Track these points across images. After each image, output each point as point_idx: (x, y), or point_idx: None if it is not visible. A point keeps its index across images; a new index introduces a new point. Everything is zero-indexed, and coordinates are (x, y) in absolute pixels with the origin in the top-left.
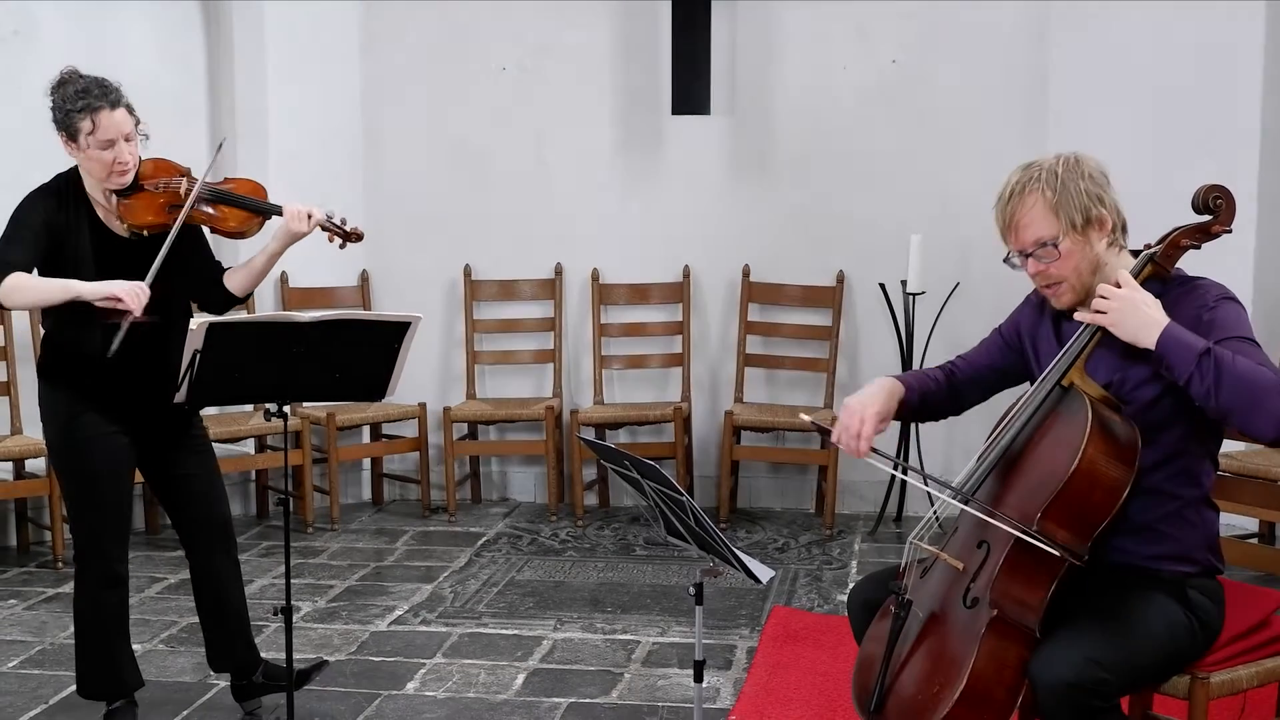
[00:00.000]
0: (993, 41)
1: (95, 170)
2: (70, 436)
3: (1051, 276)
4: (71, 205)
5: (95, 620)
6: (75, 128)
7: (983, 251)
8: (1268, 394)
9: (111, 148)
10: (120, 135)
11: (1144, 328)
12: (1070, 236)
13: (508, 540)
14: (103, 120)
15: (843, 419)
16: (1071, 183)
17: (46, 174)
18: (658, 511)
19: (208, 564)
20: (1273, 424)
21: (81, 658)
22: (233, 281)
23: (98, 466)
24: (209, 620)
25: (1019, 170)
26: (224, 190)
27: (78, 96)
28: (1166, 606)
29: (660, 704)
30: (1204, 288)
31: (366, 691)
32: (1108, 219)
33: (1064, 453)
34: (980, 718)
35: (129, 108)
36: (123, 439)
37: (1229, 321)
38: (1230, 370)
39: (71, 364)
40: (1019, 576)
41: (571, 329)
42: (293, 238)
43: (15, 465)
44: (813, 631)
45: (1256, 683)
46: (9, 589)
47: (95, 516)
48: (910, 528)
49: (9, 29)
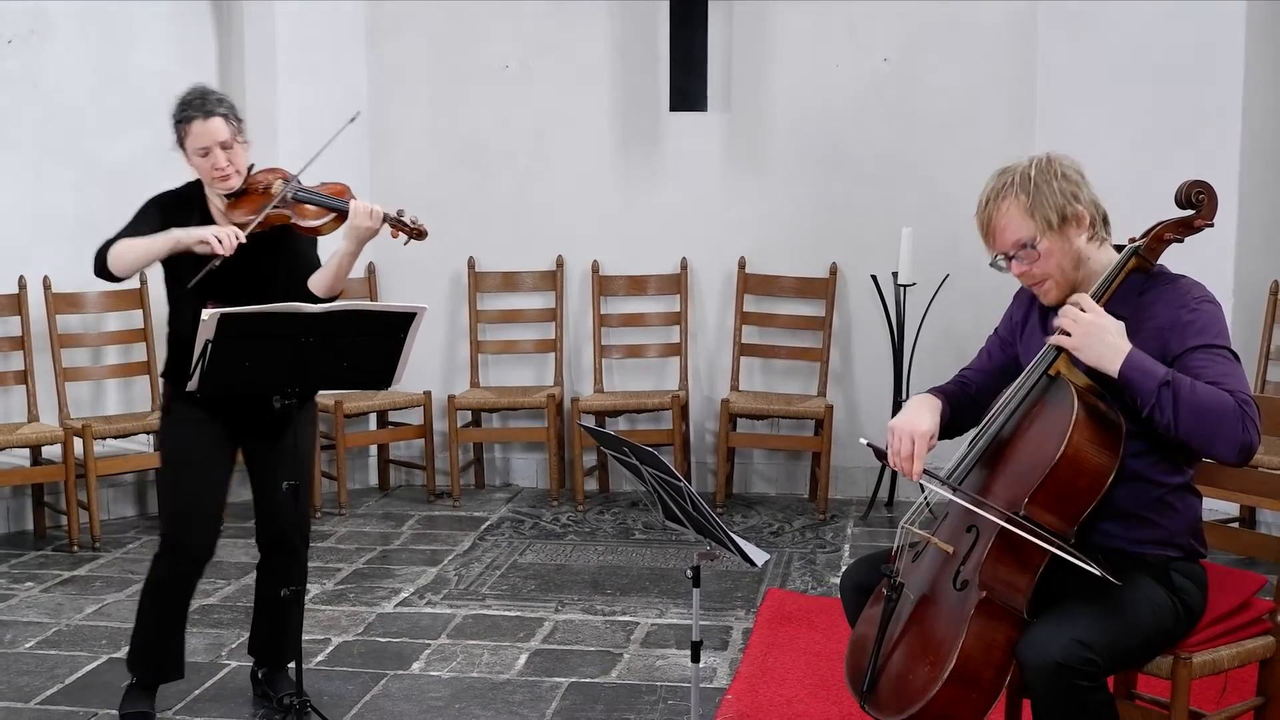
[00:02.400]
0: (982, 40)
1: (202, 175)
2: (168, 421)
3: (1035, 276)
4: (190, 207)
5: (150, 602)
6: (180, 139)
7: (971, 244)
8: (1224, 423)
9: (208, 155)
10: (214, 143)
11: (1107, 355)
12: (1048, 236)
13: (510, 524)
14: (195, 129)
15: (892, 444)
16: (1045, 184)
17: (64, 169)
18: (656, 497)
19: (269, 560)
20: (1233, 450)
21: (135, 633)
22: (315, 282)
23: (184, 450)
24: (260, 611)
25: (993, 176)
26: (308, 190)
27: (181, 109)
28: (1151, 589)
29: (658, 684)
30: (1185, 287)
31: (373, 671)
32: (1085, 215)
33: (1051, 440)
34: (970, 697)
35: (226, 117)
36: (214, 427)
37: (1206, 325)
38: (1188, 401)
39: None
40: (1007, 560)
41: (572, 319)
42: (361, 234)
43: (32, 452)
44: (806, 613)
45: (1237, 663)
46: (26, 572)
47: (173, 498)
48: (901, 512)
49: (26, 28)
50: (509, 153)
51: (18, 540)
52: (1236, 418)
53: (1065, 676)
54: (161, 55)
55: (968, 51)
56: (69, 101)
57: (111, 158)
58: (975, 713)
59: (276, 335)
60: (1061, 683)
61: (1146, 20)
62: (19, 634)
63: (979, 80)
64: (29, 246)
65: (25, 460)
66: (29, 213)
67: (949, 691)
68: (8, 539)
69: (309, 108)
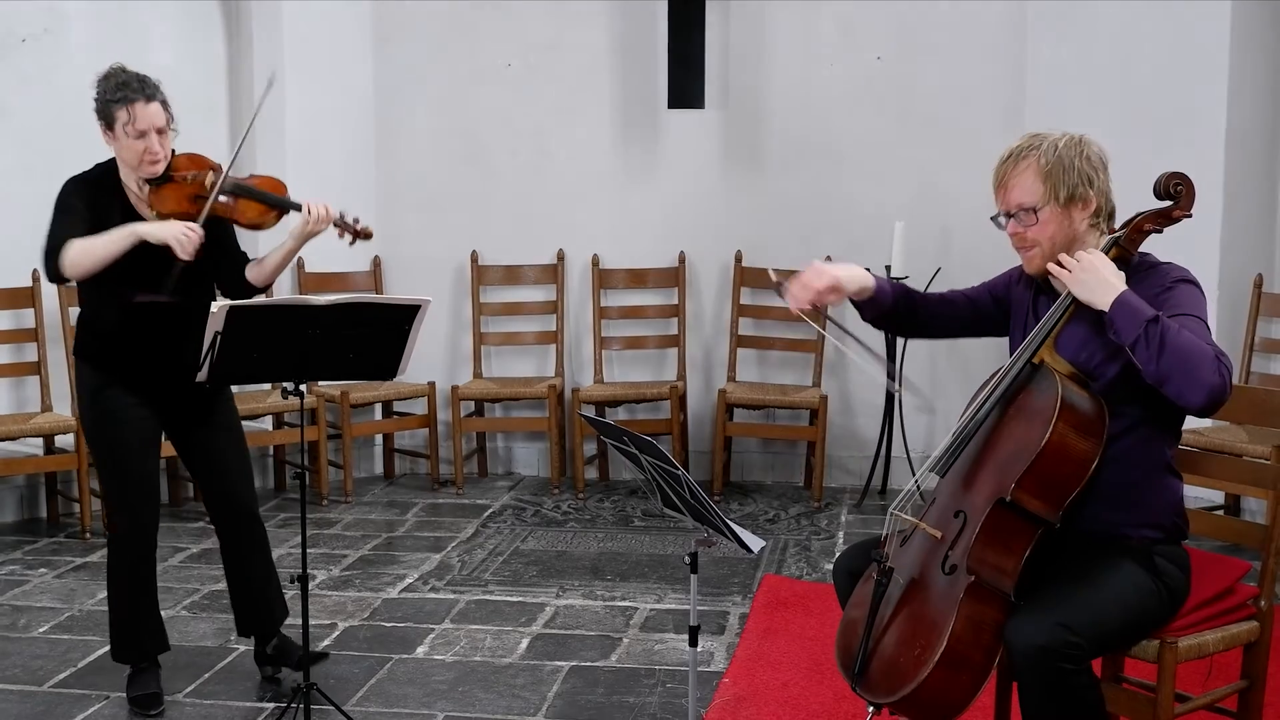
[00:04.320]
0: (972, 39)
1: (129, 158)
2: (97, 408)
3: (1027, 240)
4: (107, 192)
5: (122, 586)
6: (113, 117)
7: (963, 238)
8: (1202, 366)
9: (144, 138)
10: (152, 127)
11: (1101, 289)
12: (1051, 207)
13: (512, 512)
14: (138, 111)
15: (804, 273)
16: (1068, 159)
17: (78, 164)
18: (655, 485)
19: (232, 537)
20: (1203, 394)
21: (112, 622)
22: (253, 273)
23: (123, 437)
24: (234, 588)
25: (1026, 136)
26: (246, 184)
27: (118, 89)
28: (1135, 573)
29: (657, 667)
30: (1165, 270)
31: (379, 655)
32: (1093, 201)
33: (1036, 427)
34: (960, 679)
35: (164, 103)
36: (145, 412)
37: (1184, 300)
38: (1173, 340)
39: (100, 343)
40: (994, 544)
41: (573, 312)
42: (309, 235)
43: (45, 441)
44: (801, 598)
45: (1222, 647)
46: (40, 558)
47: (122, 485)
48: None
49: (40, 27)
50: (511, 149)
51: (31, 527)
52: (1212, 363)
53: (1049, 660)
54: (171, 54)
55: (958, 50)
56: (81, 98)
57: None
58: (965, 694)
59: (284, 327)
60: (1046, 666)
61: (1133, 19)
62: (32, 619)
63: (969, 78)
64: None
65: (38, 449)
66: (42, 208)
67: (939, 673)
68: (21, 526)
69: (316, 107)
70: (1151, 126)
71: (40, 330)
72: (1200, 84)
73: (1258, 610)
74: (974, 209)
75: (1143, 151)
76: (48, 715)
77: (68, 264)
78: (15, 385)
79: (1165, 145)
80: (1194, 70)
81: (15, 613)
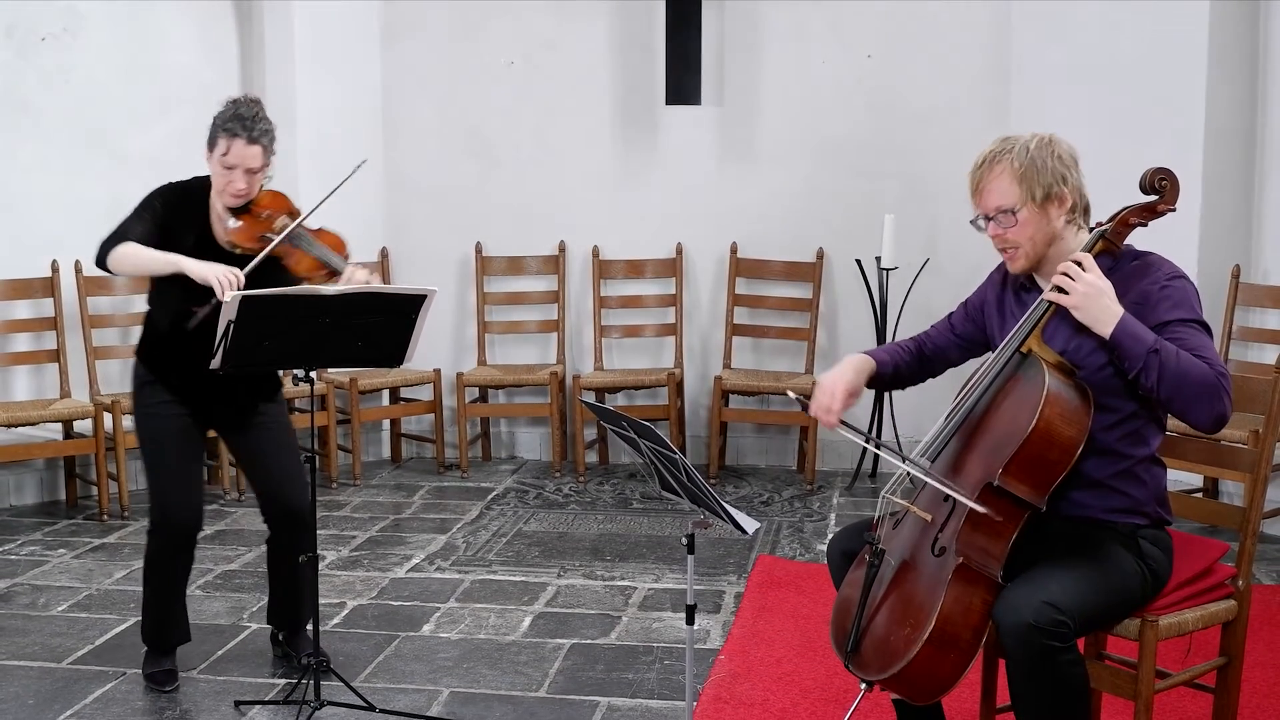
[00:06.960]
0: (960, 38)
1: (216, 183)
2: (141, 404)
3: (1008, 241)
4: (192, 202)
5: (150, 577)
6: (215, 141)
7: (951, 230)
8: (1204, 392)
9: (230, 171)
10: (242, 166)
11: (1102, 317)
12: (1029, 207)
13: (515, 495)
14: (235, 147)
15: (816, 395)
16: (1040, 159)
17: (94, 159)
18: (653, 468)
19: (275, 534)
20: (1208, 419)
21: (143, 606)
22: None
23: (162, 433)
24: (271, 581)
25: (997, 140)
26: (311, 239)
27: (228, 120)
28: (1120, 555)
29: (655, 645)
30: (1156, 264)
31: (386, 633)
32: (1068, 198)
33: (1023, 414)
34: (948, 657)
35: (265, 147)
36: (185, 410)
37: (1180, 300)
38: (1174, 368)
39: (154, 344)
40: (982, 527)
41: (574, 301)
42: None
43: (65, 425)
44: (795, 578)
45: (1201, 625)
46: (59, 539)
47: (157, 479)
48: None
49: (58, 26)
50: (514, 144)
51: (51, 509)
52: (1215, 388)
53: (1037, 637)
54: (186, 52)
55: (946, 48)
56: (99, 95)
57: (139, 148)
58: (954, 671)
59: (295, 316)
60: (1034, 643)
61: (1115, 19)
62: (52, 598)
63: (957, 75)
64: (61, 232)
65: (58, 434)
66: (61, 200)
67: (929, 652)
68: (41, 508)
69: (326, 102)
70: (1132, 122)
71: (59, 319)
72: (1180, 81)
73: (1235, 590)
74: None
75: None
76: (66, 691)
77: (114, 258)
78: (35, 372)
79: (1146, 140)
80: (1174, 68)
81: (35, 592)
